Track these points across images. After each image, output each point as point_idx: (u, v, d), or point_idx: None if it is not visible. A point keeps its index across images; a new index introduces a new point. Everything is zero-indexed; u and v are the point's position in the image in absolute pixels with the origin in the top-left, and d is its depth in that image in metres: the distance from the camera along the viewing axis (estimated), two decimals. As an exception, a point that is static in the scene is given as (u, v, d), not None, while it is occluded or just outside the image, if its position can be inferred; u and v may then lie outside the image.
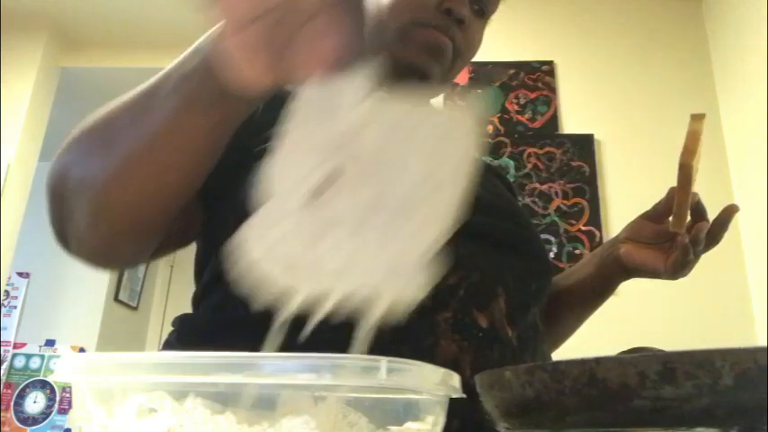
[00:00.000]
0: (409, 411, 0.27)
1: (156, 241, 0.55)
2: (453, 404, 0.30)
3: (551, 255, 2.17)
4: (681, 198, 0.62)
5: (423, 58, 0.71)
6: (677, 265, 0.66)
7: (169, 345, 0.61)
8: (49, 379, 3.77)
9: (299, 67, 0.35)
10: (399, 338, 0.48)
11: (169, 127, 0.43)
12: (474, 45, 0.75)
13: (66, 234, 0.52)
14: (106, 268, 0.59)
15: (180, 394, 0.24)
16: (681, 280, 0.69)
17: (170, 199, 0.49)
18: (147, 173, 0.45)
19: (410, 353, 0.49)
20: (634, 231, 0.72)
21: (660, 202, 0.70)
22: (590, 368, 0.26)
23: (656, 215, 0.71)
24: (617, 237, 0.76)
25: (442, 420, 0.29)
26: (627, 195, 2.23)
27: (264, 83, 0.36)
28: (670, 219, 0.65)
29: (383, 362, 0.23)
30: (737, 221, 2.18)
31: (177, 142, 0.44)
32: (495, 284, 0.60)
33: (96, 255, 0.53)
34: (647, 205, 0.72)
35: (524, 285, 0.64)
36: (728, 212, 0.66)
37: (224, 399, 0.24)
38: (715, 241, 0.67)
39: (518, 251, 0.66)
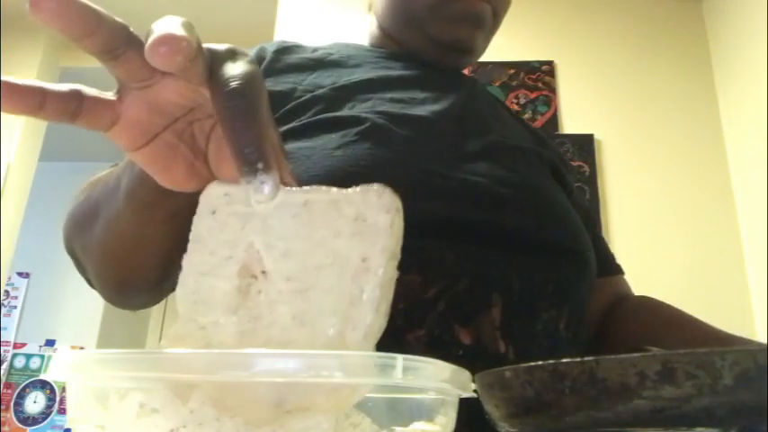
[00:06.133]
0: (418, 411, 0.26)
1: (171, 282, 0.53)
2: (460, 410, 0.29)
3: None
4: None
5: (466, 31, 0.66)
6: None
7: None
8: (49, 379, 3.78)
9: (221, 169, 0.34)
10: None
11: (128, 225, 0.44)
12: (508, 2, 0.70)
13: (92, 284, 0.58)
14: (127, 309, 0.62)
15: (183, 393, 0.23)
16: (681, 280, 0.67)
17: (155, 268, 0.50)
18: (123, 257, 0.49)
19: None
20: None
21: None
22: (590, 368, 0.26)
23: None
24: None
25: (452, 421, 0.28)
26: (627, 195, 2.23)
27: (189, 186, 0.34)
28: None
29: (399, 359, 0.22)
30: (737, 221, 2.17)
31: (140, 236, 0.45)
32: (488, 292, 0.52)
33: (112, 302, 0.59)
34: (648, 205, 0.71)
35: (537, 286, 0.55)
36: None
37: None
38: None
39: (532, 244, 0.56)
